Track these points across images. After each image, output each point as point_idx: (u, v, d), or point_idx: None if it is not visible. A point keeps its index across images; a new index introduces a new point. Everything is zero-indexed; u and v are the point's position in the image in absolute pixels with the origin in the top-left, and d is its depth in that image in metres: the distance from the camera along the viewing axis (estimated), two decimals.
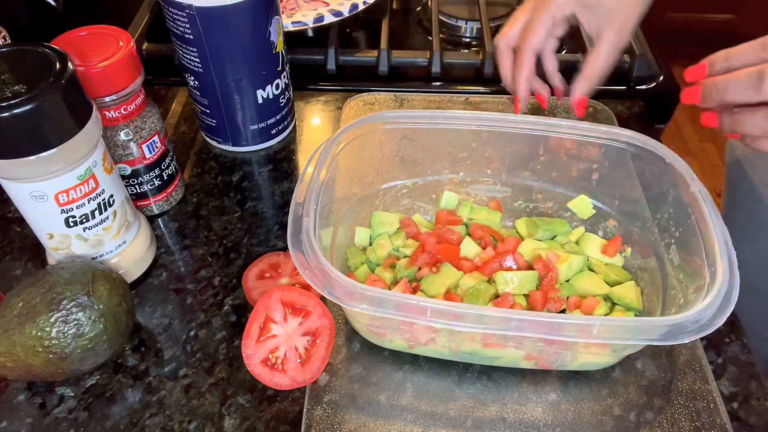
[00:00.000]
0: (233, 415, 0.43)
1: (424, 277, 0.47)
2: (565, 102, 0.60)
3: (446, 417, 0.42)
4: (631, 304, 0.45)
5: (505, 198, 0.53)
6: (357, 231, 0.51)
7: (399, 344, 0.44)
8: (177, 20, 0.51)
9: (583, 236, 0.50)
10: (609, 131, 0.47)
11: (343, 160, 0.47)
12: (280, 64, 0.57)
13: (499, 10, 0.77)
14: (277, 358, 0.43)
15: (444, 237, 0.49)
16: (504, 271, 0.46)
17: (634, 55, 0.68)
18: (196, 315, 0.48)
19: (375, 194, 0.52)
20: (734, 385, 0.44)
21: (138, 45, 0.71)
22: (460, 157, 0.51)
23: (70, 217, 0.43)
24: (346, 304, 0.37)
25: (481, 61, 0.69)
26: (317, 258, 0.38)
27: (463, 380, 0.44)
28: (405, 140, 0.50)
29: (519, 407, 0.43)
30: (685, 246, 0.42)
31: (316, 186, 0.42)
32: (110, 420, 0.43)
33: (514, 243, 0.49)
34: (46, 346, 0.39)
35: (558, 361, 0.43)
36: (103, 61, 0.44)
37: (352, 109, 0.63)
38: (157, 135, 0.51)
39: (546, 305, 0.45)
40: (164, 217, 0.56)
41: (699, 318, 0.35)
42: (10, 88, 0.37)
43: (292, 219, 0.40)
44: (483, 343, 0.41)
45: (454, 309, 0.36)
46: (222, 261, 0.52)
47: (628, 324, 0.36)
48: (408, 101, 0.64)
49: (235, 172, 0.60)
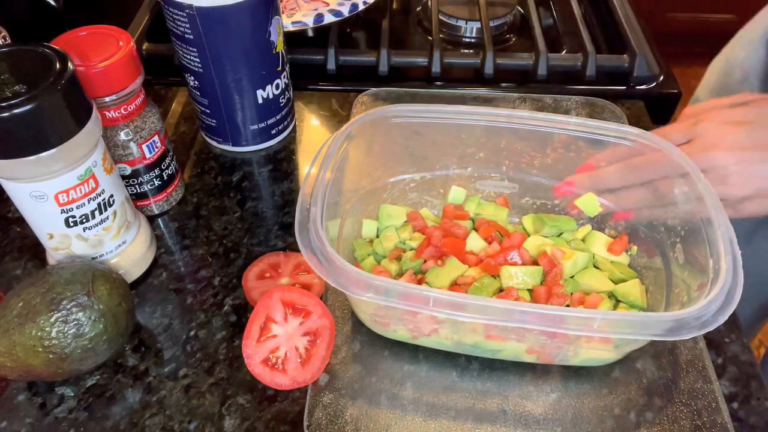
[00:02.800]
0: (233, 415, 0.43)
1: (429, 270, 0.47)
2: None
3: (447, 409, 0.42)
4: (635, 302, 0.45)
5: (512, 194, 0.53)
6: (364, 223, 0.51)
7: (402, 335, 0.44)
8: (177, 20, 0.51)
9: (590, 234, 0.50)
10: (617, 129, 0.47)
11: (352, 152, 0.47)
12: (280, 64, 0.57)
13: (499, 10, 0.77)
14: (278, 358, 0.43)
15: (450, 231, 0.49)
16: (509, 266, 0.46)
17: (634, 55, 0.68)
18: (196, 315, 0.48)
19: (383, 187, 0.52)
20: (734, 385, 0.44)
21: (138, 45, 0.71)
22: (469, 152, 0.51)
23: (70, 217, 0.43)
24: (352, 292, 0.37)
25: (481, 61, 0.69)
26: (324, 247, 0.38)
27: (464, 376, 0.44)
28: (414, 134, 0.50)
29: (520, 401, 0.43)
30: (690, 244, 0.42)
31: (324, 177, 0.42)
32: (110, 420, 0.43)
33: (519, 238, 0.49)
34: (46, 346, 0.39)
35: (560, 356, 0.43)
36: (103, 61, 0.44)
37: (364, 105, 0.62)
38: (157, 135, 0.51)
39: (550, 300, 0.45)
40: (164, 217, 0.56)
41: (701, 314, 0.35)
42: (10, 88, 0.37)
43: (300, 209, 0.40)
44: (485, 335, 0.41)
45: (457, 299, 0.36)
46: (222, 261, 0.52)
47: (630, 318, 0.36)
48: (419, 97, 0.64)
49: (235, 172, 0.60)
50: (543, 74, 0.68)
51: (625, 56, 0.69)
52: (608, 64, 0.69)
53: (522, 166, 0.51)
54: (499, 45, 0.77)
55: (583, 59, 0.68)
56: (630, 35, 0.71)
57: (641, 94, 0.68)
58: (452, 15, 0.77)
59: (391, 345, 0.46)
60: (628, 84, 0.68)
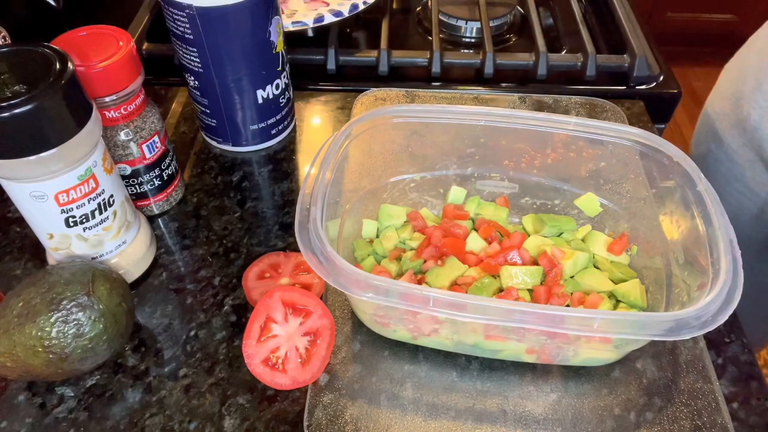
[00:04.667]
0: (233, 415, 0.43)
1: (429, 270, 0.47)
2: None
3: (447, 409, 0.42)
4: (635, 302, 0.45)
5: (512, 194, 0.53)
6: (364, 223, 0.51)
7: (402, 335, 0.44)
8: (177, 20, 0.51)
9: (590, 234, 0.50)
10: (617, 129, 0.47)
11: (352, 152, 0.47)
12: (280, 64, 0.57)
13: (499, 10, 0.77)
14: (278, 358, 0.43)
15: (450, 231, 0.49)
16: (509, 266, 0.46)
17: (634, 55, 0.68)
18: (196, 315, 0.48)
19: (383, 187, 0.52)
20: (734, 385, 0.44)
21: (138, 45, 0.71)
22: (469, 152, 0.51)
23: (70, 217, 0.43)
24: (352, 292, 0.37)
25: (481, 61, 0.69)
26: (324, 247, 0.38)
27: (464, 376, 0.44)
28: (414, 134, 0.50)
29: (520, 401, 0.43)
30: (690, 244, 0.42)
31: (324, 177, 0.42)
32: (110, 420, 0.43)
33: (519, 238, 0.49)
34: (46, 346, 0.39)
35: (560, 356, 0.43)
36: (103, 61, 0.44)
37: (364, 105, 0.62)
38: (157, 135, 0.51)
39: (550, 300, 0.45)
40: (164, 217, 0.56)
41: (701, 314, 0.35)
42: (10, 88, 0.37)
43: (300, 209, 0.40)
44: (485, 335, 0.41)
45: (457, 299, 0.36)
46: (222, 261, 0.52)
47: (630, 318, 0.36)
48: (419, 97, 0.64)
49: (235, 172, 0.60)
50: (543, 74, 0.68)
51: (625, 56, 0.69)
52: (608, 64, 0.69)
53: (522, 166, 0.51)
54: (499, 45, 0.77)
55: (583, 59, 0.68)
56: (630, 35, 0.71)
57: (641, 94, 0.68)
58: (452, 15, 0.77)
59: (391, 345, 0.46)
60: (628, 84, 0.68)
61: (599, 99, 0.63)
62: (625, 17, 0.74)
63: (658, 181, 0.47)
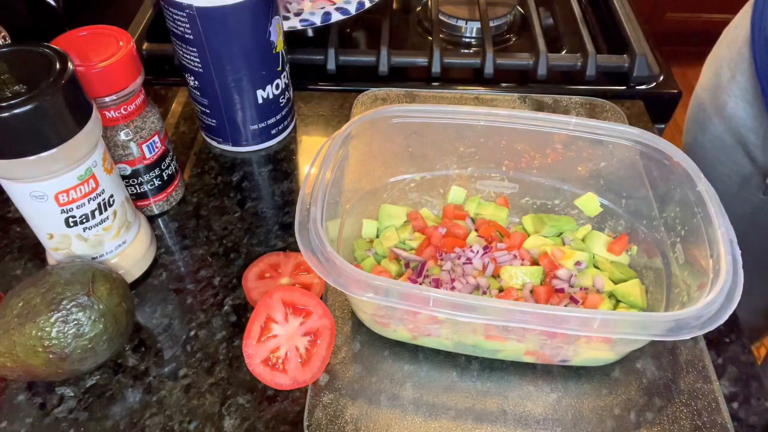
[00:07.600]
0: (233, 415, 0.43)
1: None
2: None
3: (447, 409, 0.42)
4: (635, 302, 0.45)
5: (512, 194, 0.53)
6: (365, 223, 0.51)
7: (402, 335, 0.44)
8: (177, 20, 0.51)
9: (590, 234, 0.50)
10: (617, 129, 0.47)
11: (352, 152, 0.47)
12: (280, 64, 0.57)
13: (499, 10, 0.77)
14: (278, 358, 0.43)
15: (450, 231, 0.49)
16: (509, 266, 0.46)
17: (634, 55, 0.68)
18: (196, 315, 0.48)
19: (383, 188, 0.52)
20: (734, 385, 0.44)
21: (138, 45, 0.71)
22: (469, 152, 0.51)
23: (70, 217, 0.43)
24: (352, 292, 0.37)
25: (481, 61, 0.69)
26: (324, 247, 0.38)
27: (464, 376, 0.44)
28: (414, 134, 0.50)
29: (520, 401, 0.43)
30: (691, 244, 0.42)
31: (325, 177, 0.42)
32: (110, 420, 0.43)
33: (519, 238, 0.49)
34: (46, 346, 0.39)
35: (560, 356, 0.43)
36: (103, 61, 0.44)
37: (364, 105, 0.62)
38: (157, 135, 0.51)
39: (550, 300, 0.45)
40: (164, 217, 0.56)
41: (701, 314, 0.35)
42: (10, 88, 0.37)
43: (300, 209, 0.40)
44: (485, 335, 0.41)
45: (457, 299, 0.36)
46: (222, 261, 0.52)
47: (630, 318, 0.36)
48: (419, 97, 0.64)
49: (235, 172, 0.60)
50: (543, 74, 0.68)
51: (625, 56, 0.69)
52: (608, 64, 0.69)
53: (522, 166, 0.51)
54: (499, 45, 0.77)
55: (583, 59, 0.68)
56: (630, 35, 0.71)
57: (641, 94, 0.68)
58: (452, 15, 0.77)
59: (391, 345, 0.46)
60: (628, 84, 0.68)
61: (599, 99, 0.63)
62: (625, 17, 0.74)
63: (658, 181, 0.47)
